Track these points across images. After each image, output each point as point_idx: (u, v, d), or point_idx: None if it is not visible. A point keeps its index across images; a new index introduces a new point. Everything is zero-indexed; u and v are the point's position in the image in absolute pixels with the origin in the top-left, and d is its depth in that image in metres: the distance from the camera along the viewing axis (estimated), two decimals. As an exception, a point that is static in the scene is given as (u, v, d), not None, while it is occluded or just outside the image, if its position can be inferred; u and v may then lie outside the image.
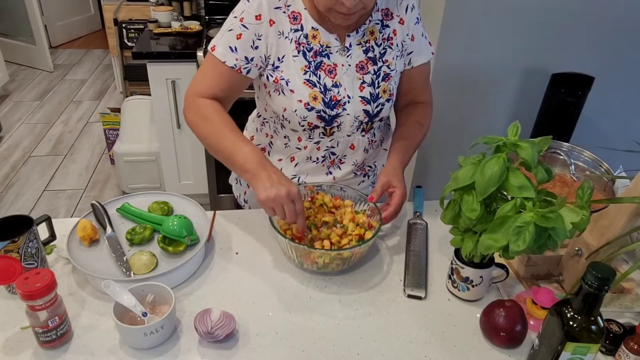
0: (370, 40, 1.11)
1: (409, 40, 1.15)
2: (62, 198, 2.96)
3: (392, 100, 1.16)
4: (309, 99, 1.08)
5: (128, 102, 2.77)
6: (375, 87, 1.11)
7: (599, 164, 1.17)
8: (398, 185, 1.08)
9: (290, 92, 1.08)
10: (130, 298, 0.85)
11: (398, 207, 1.06)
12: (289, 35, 1.06)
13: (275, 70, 1.08)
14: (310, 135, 1.14)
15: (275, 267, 1.05)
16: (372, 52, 1.11)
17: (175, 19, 2.62)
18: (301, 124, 1.11)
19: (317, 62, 1.08)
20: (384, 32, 1.12)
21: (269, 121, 1.21)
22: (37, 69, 4.64)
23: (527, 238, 0.77)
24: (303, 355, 0.86)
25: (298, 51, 1.07)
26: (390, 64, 1.13)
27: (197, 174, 2.67)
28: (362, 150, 1.20)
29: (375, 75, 1.11)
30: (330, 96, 1.08)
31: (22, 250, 0.91)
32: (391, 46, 1.13)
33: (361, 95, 1.11)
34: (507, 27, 2.01)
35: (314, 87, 1.08)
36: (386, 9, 1.12)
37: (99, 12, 5.29)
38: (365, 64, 1.10)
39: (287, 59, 1.07)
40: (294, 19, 1.06)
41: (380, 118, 1.16)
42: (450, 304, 0.98)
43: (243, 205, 1.37)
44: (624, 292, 1.00)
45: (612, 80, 2.13)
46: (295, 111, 1.08)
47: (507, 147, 0.82)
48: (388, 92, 1.13)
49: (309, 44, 1.07)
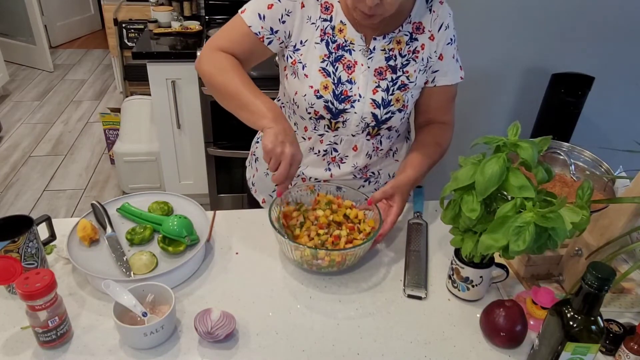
0: (395, 49, 1.10)
1: (435, 58, 1.13)
2: (62, 198, 2.96)
3: (405, 111, 1.14)
4: (319, 87, 1.08)
5: (128, 102, 2.77)
6: (389, 93, 1.11)
7: (599, 164, 1.17)
8: (398, 202, 1.07)
9: (304, 76, 1.09)
10: (130, 298, 0.85)
11: (392, 224, 1.06)
12: (316, 22, 1.07)
13: (295, 53, 1.10)
14: (315, 126, 1.15)
15: (275, 267, 1.05)
16: (394, 61, 1.10)
17: (175, 19, 2.62)
18: (308, 111, 1.11)
19: (337, 55, 1.09)
20: (411, 45, 1.11)
21: (285, 105, 1.23)
22: (37, 69, 4.64)
23: (527, 238, 0.77)
24: (303, 355, 0.86)
25: (321, 39, 1.08)
26: (411, 75, 1.12)
27: (197, 174, 2.67)
28: (365, 155, 1.19)
29: (392, 82, 1.11)
30: (341, 90, 1.09)
31: (22, 250, 0.91)
32: (415, 59, 1.11)
33: (373, 97, 1.10)
34: (507, 27, 2.01)
35: (328, 76, 1.08)
36: (419, 22, 1.11)
37: (99, 12, 5.30)
38: (384, 71, 1.10)
39: (309, 44, 1.09)
40: (325, 9, 1.07)
41: (389, 126, 1.15)
42: (450, 304, 0.98)
43: (251, 188, 1.39)
44: (624, 292, 1.00)
45: (612, 80, 2.13)
46: (304, 96, 1.09)
47: (507, 147, 0.82)
48: (402, 102, 1.12)
49: (334, 36, 1.08)
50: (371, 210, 1.08)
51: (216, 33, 1.12)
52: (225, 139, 2.48)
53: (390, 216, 1.06)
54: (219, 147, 2.49)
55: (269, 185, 1.33)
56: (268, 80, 2.02)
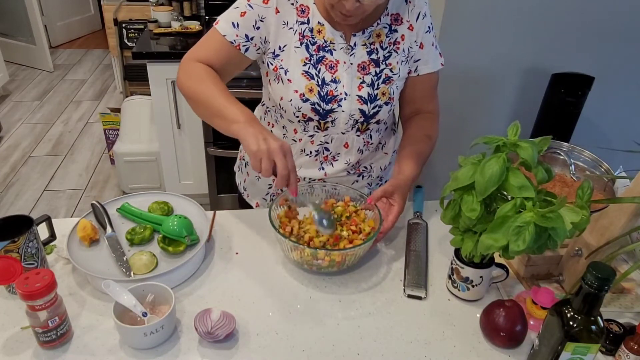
0: (375, 42, 1.11)
1: (416, 48, 1.14)
2: (62, 198, 2.96)
3: (391, 104, 1.15)
4: (304, 90, 1.08)
5: (128, 102, 2.77)
6: (374, 88, 1.11)
7: (599, 164, 1.17)
8: (399, 201, 1.07)
9: (287, 81, 1.09)
10: (130, 298, 0.85)
11: (393, 223, 1.07)
12: (293, 27, 1.07)
13: (276, 59, 1.10)
14: (305, 127, 1.15)
15: (275, 267, 1.05)
16: (376, 55, 1.11)
17: (175, 19, 2.62)
18: (296, 115, 1.12)
19: (319, 57, 1.09)
20: (391, 37, 1.12)
21: (270, 110, 1.22)
22: (37, 69, 4.64)
23: (527, 238, 0.77)
24: (303, 355, 0.86)
25: (301, 43, 1.08)
26: (394, 67, 1.12)
27: (197, 174, 2.67)
28: (356, 150, 1.20)
29: (376, 76, 1.11)
30: (326, 90, 1.09)
31: (22, 250, 0.91)
32: (397, 50, 1.12)
33: (359, 94, 1.11)
34: (507, 27, 2.01)
35: (311, 79, 1.08)
36: (396, 13, 1.11)
37: (99, 12, 5.29)
38: (367, 65, 1.11)
39: (289, 49, 1.08)
40: (301, 12, 1.07)
41: (377, 120, 1.16)
42: (450, 304, 0.98)
43: (242, 193, 1.39)
44: (624, 292, 1.00)
45: (612, 80, 2.13)
46: (290, 101, 1.10)
47: (507, 147, 0.82)
48: (387, 95, 1.13)
49: (313, 38, 1.08)
50: (371, 210, 1.08)
51: (193, 46, 1.12)
52: (225, 139, 2.47)
53: (391, 215, 1.06)
54: (219, 147, 2.49)
55: (261, 189, 1.32)
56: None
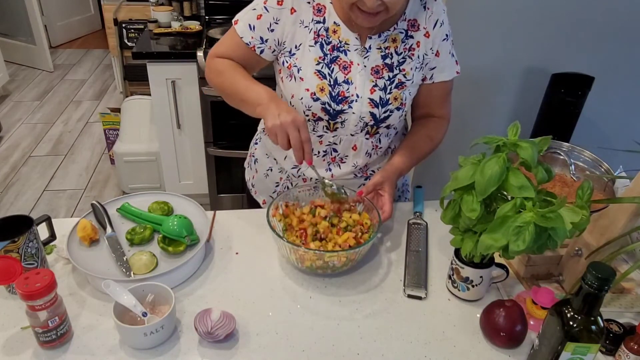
0: (390, 47, 1.10)
1: (432, 55, 1.13)
2: (62, 198, 2.96)
3: (402, 109, 1.14)
4: (316, 89, 1.09)
5: (128, 102, 2.77)
6: (386, 92, 1.11)
7: (599, 164, 1.17)
8: (389, 190, 1.10)
9: (300, 79, 1.10)
10: (130, 298, 0.85)
11: (391, 211, 1.09)
12: (309, 25, 1.08)
13: (291, 57, 1.11)
14: (314, 127, 1.15)
15: (275, 267, 1.05)
16: (390, 59, 1.11)
17: (175, 19, 2.62)
18: (306, 113, 1.12)
19: (333, 56, 1.09)
20: (407, 42, 1.11)
21: None
22: (37, 69, 4.64)
23: (527, 238, 0.77)
24: (303, 355, 0.86)
25: (315, 42, 1.08)
26: (407, 73, 1.12)
27: (197, 174, 2.67)
28: (365, 154, 1.19)
29: (389, 81, 1.11)
30: (338, 91, 1.09)
31: (22, 250, 0.91)
32: (412, 57, 1.12)
33: (370, 97, 1.10)
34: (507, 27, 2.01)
35: (323, 78, 1.09)
36: (414, 19, 1.11)
37: (99, 12, 5.29)
38: (381, 69, 1.10)
39: (304, 47, 1.09)
40: (317, 11, 1.08)
41: (387, 125, 1.15)
42: (450, 304, 0.98)
43: (250, 189, 1.40)
44: (624, 292, 1.00)
45: (612, 80, 2.13)
46: (301, 99, 1.10)
47: (507, 147, 0.82)
48: (400, 100, 1.12)
49: (328, 38, 1.09)
50: (361, 202, 1.10)
51: (216, 43, 1.18)
52: (225, 139, 2.48)
53: (386, 204, 1.08)
54: (218, 147, 2.49)
55: (269, 187, 1.33)
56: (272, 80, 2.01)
